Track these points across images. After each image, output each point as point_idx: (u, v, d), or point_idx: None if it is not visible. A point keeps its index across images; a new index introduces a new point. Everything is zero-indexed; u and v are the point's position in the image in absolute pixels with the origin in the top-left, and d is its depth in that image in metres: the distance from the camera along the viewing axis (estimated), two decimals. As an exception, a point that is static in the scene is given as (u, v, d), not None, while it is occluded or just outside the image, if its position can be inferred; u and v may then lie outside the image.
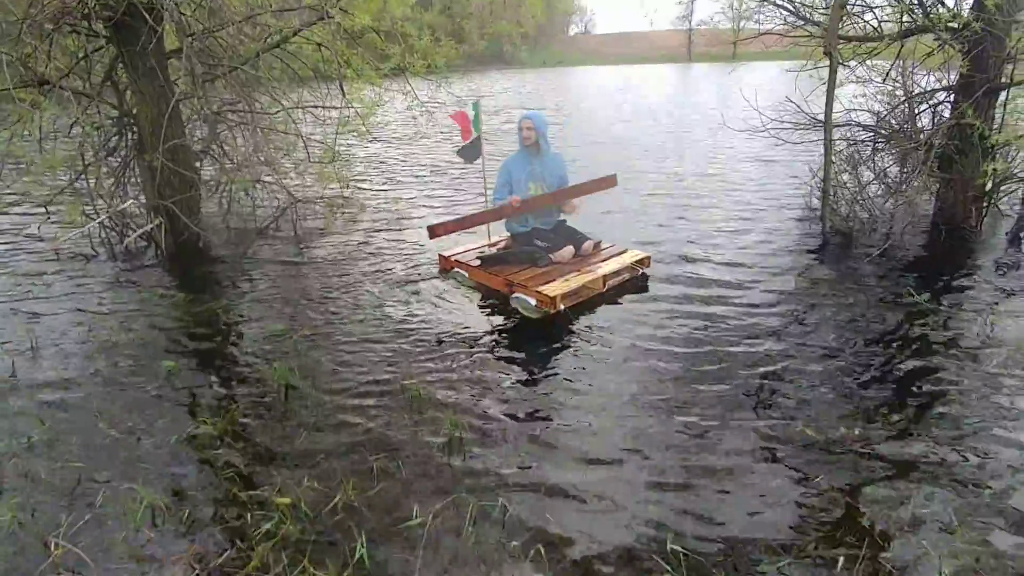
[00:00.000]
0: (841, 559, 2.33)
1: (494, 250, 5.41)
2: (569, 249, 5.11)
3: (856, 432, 3.06)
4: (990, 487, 2.68)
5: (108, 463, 2.96)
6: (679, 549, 2.38)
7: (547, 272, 4.85)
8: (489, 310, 4.65)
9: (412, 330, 4.30)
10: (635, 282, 5.04)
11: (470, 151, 5.53)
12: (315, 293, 5.02)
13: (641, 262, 5.17)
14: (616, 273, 4.97)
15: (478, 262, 5.16)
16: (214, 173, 7.19)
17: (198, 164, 6.72)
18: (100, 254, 6.05)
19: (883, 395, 3.39)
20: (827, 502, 2.62)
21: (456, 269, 5.27)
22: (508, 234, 5.49)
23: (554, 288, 4.53)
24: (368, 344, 4.10)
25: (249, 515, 2.61)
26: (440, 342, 4.10)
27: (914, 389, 3.44)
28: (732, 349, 3.90)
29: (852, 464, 2.85)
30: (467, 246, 5.63)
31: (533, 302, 4.52)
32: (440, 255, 5.52)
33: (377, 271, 5.50)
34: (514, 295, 4.68)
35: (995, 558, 2.34)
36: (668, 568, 2.31)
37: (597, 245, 5.32)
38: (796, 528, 2.49)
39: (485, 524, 2.54)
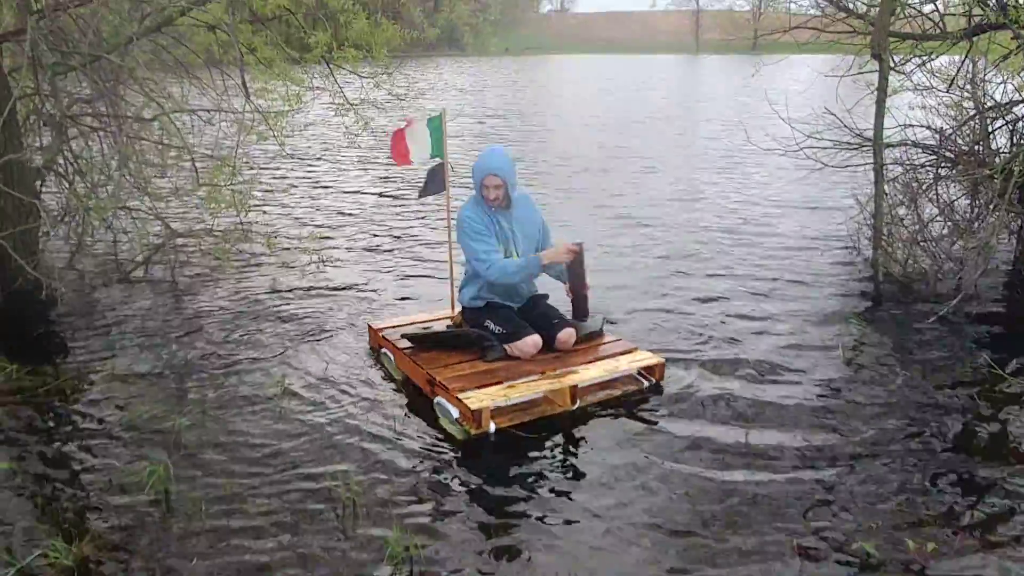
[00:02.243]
0: None
1: (441, 327, 5.15)
2: (534, 339, 4.67)
3: (928, 547, 3.17)
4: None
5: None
6: None
7: (490, 371, 4.51)
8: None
9: (338, 417, 4.31)
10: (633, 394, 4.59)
11: (433, 185, 5.22)
12: (202, 363, 5.00)
13: (651, 371, 4.67)
14: (602, 384, 4.57)
15: (405, 343, 4.89)
16: (62, 197, 7.13)
17: (39, 184, 6.66)
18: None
19: (961, 498, 3.53)
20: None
21: (384, 349, 5.07)
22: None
23: (481, 397, 4.18)
24: (278, 434, 4.10)
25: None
26: (376, 436, 4.11)
27: (1001, 490, 3.59)
28: (762, 441, 4.02)
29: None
30: (412, 317, 5.41)
31: (456, 413, 4.21)
32: (370, 327, 5.33)
33: (288, 334, 5.51)
34: (436, 399, 4.40)
35: None
36: None
37: (589, 338, 4.89)
38: None
39: None
